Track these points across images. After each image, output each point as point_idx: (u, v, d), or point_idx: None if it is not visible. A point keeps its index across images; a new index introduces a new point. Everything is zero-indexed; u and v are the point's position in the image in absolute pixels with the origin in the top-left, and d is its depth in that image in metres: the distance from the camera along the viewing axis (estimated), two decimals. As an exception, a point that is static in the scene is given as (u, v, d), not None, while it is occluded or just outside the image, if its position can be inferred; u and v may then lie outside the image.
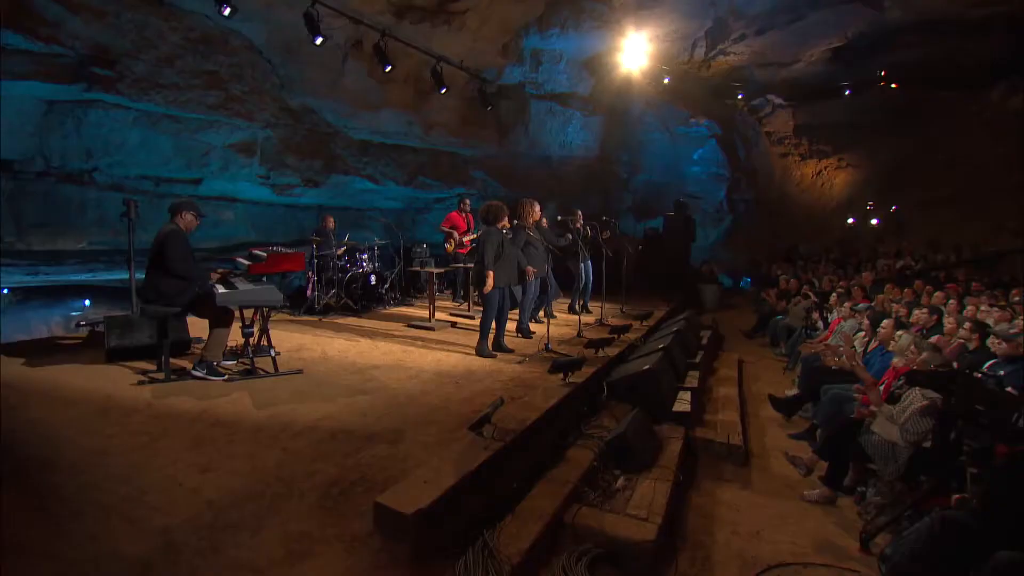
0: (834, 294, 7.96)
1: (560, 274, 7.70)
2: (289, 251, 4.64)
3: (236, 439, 3.19)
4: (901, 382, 4.03)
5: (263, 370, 4.51)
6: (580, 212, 8.01)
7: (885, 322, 5.31)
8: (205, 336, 4.43)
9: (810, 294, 8.53)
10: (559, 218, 7.44)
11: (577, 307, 8.41)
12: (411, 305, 8.52)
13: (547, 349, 5.56)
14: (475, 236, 8.38)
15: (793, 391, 6.30)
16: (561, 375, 4.41)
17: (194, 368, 4.28)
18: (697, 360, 6.74)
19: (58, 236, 8.10)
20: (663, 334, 6.61)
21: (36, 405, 3.72)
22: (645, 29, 11.41)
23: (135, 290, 5.20)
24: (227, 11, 6.50)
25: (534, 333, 6.54)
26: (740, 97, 16.66)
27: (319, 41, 7.30)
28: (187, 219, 4.33)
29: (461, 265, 7.50)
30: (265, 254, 4.53)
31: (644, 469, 3.77)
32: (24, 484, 2.68)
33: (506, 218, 5.47)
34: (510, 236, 5.67)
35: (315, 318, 7.09)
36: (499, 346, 5.66)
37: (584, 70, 13.10)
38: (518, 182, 13.14)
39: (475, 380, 4.57)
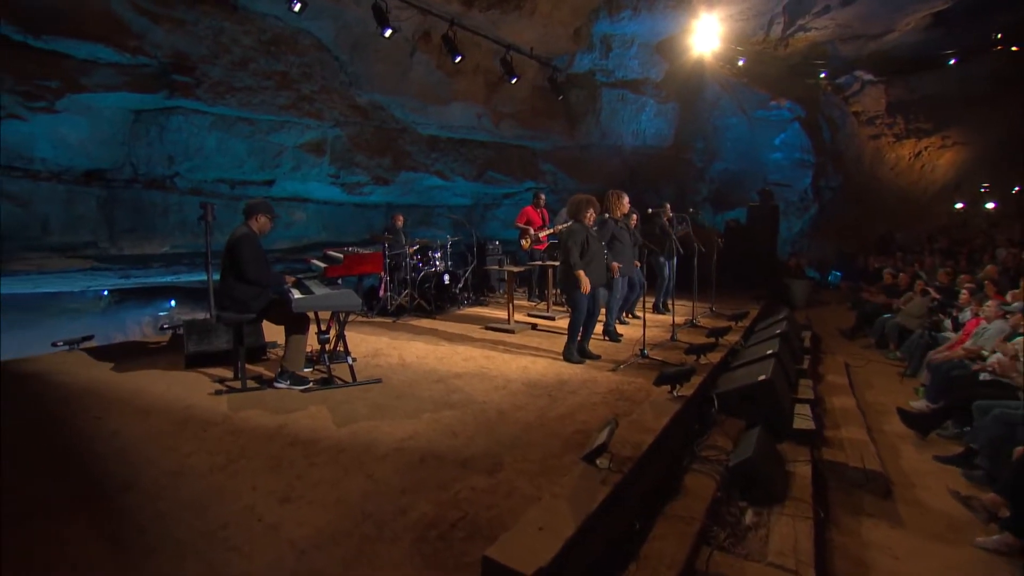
0: (963, 291, 6.93)
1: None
2: (366, 252, 4.35)
3: (317, 461, 2.89)
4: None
5: (340, 379, 4.24)
6: (668, 204, 7.40)
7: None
8: (281, 340, 4.22)
9: (929, 290, 7.51)
10: (649, 211, 6.87)
11: (662, 306, 7.82)
12: (485, 305, 8.17)
13: (643, 355, 5.02)
14: (551, 232, 7.93)
15: (920, 402, 5.48)
16: (668, 387, 3.87)
17: (277, 379, 4.07)
18: (805, 366, 6.02)
19: (144, 241, 8.31)
20: (765, 337, 5.92)
21: (117, 415, 3.60)
22: (717, 8, 10.56)
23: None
24: (297, 7, 6.36)
25: (621, 336, 6.02)
26: (823, 76, 15.28)
27: (388, 33, 7.07)
28: (261, 221, 4.12)
29: (538, 263, 7.06)
30: (341, 256, 4.26)
31: (776, 501, 3.20)
32: (100, 507, 2.47)
33: (592, 212, 4.97)
34: (595, 231, 5.16)
35: (389, 319, 6.86)
36: (584, 352, 5.19)
37: (656, 54, 12.33)
38: (589, 174, 12.58)
39: (569, 392, 4.11)
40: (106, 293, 15.95)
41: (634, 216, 6.28)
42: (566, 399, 3.96)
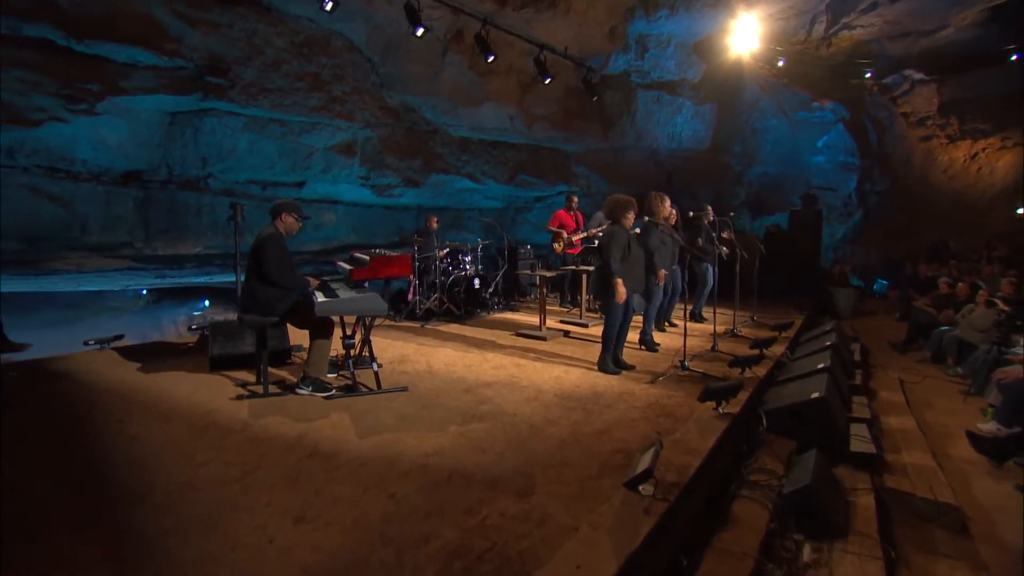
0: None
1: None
2: (393, 254, 4.19)
3: (336, 476, 2.71)
4: None
5: (365, 386, 4.08)
6: (710, 207, 7.06)
7: None
8: (306, 343, 4.08)
9: (996, 302, 6.96)
10: (691, 214, 6.56)
11: (700, 314, 7.47)
12: (516, 310, 7.95)
13: (683, 367, 4.72)
14: (585, 235, 7.68)
15: (989, 424, 5.01)
16: (714, 404, 3.58)
17: (299, 385, 3.94)
18: (857, 382, 5.62)
19: (178, 241, 8.39)
20: (814, 349, 5.53)
21: (138, 418, 3.51)
22: (757, 7, 10.16)
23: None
24: (329, 6, 6.28)
25: (659, 346, 5.72)
26: (868, 75, 14.58)
27: (420, 32, 6.95)
28: (288, 222, 3.99)
29: (571, 267, 6.80)
30: (367, 258, 4.10)
31: (837, 535, 2.88)
32: (110, 522, 2.34)
33: (632, 214, 4.71)
34: (636, 235, 4.89)
35: (417, 324, 6.71)
36: (618, 362, 4.92)
37: (694, 55, 11.98)
38: (623, 178, 12.27)
39: (605, 405, 3.85)
40: (144, 292, 16.37)
41: (673, 218, 5.98)
42: (602, 413, 3.71)
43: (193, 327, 5.78)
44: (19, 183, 7.13)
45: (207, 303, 16.19)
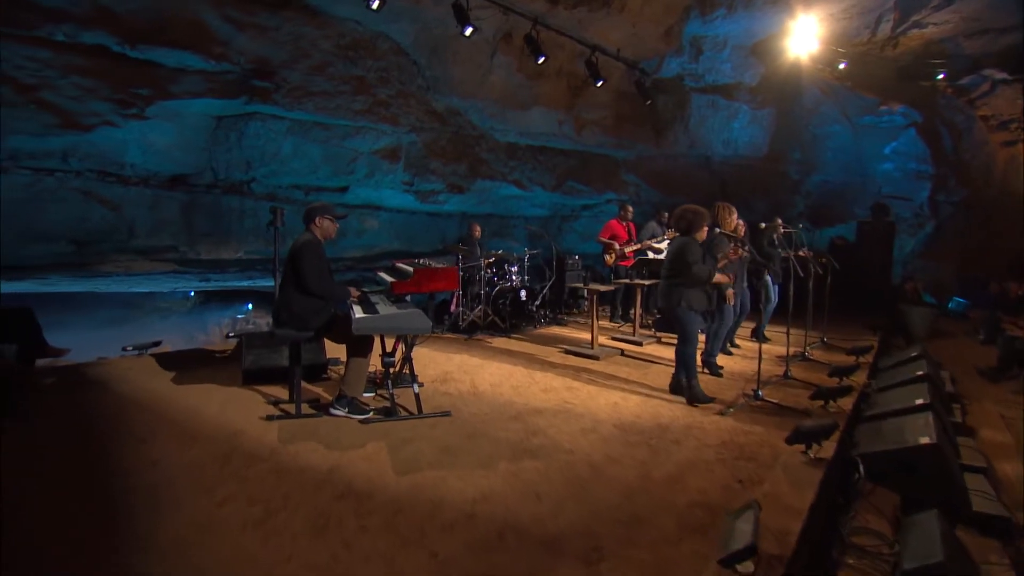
0: None
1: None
2: (438, 265, 3.82)
3: (369, 524, 2.34)
4: None
5: (405, 409, 3.73)
6: (780, 220, 6.49)
7: None
8: (343, 356, 3.77)
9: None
10: (762, 226, 6.00)
11: (763, 334, 6.88)
12: (564, 324, 7.50)
13: (756, 396, 4.19)
14: (638, 247, 7.20)
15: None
16: (803, 447, 3.06)
17: (333, 406, 3.62)
18: (957, 418, 4.93)
19: (220, 245, 8.33)
20: (904, 379, 4.88)
21: (162, 439, 3.25)
22: (817, 7, 9.50)
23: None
24: (375, 4, 6.02)
25: (722, 369, 5.19)
26: (941, 76, 13.50)
27: (469, 32, 6.66)
28: (324, 225, 3.69)
29: (625, 280, 6.32)
30: (411, 269, 3.74)
31: (974, 625, 2.33)
32: (109, 569, 2.03)
33: (707, 227, 4.22)
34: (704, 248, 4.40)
35: (460, 337, 6.36)
36: (679, 388, 4.42)
37: (751, 57, 11.33)
38: (675, 186, 11.71)
39: (672, 441, 3.38)
40: (192, 294, 16.72)
41: (741, 230, 5.45)
42: (670, 451, 3.24)
43: (230, 335, 5.59)
44: (72, 187, 7.19)
45: (250, 307, 16.41)
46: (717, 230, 4.74)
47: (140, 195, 7.66)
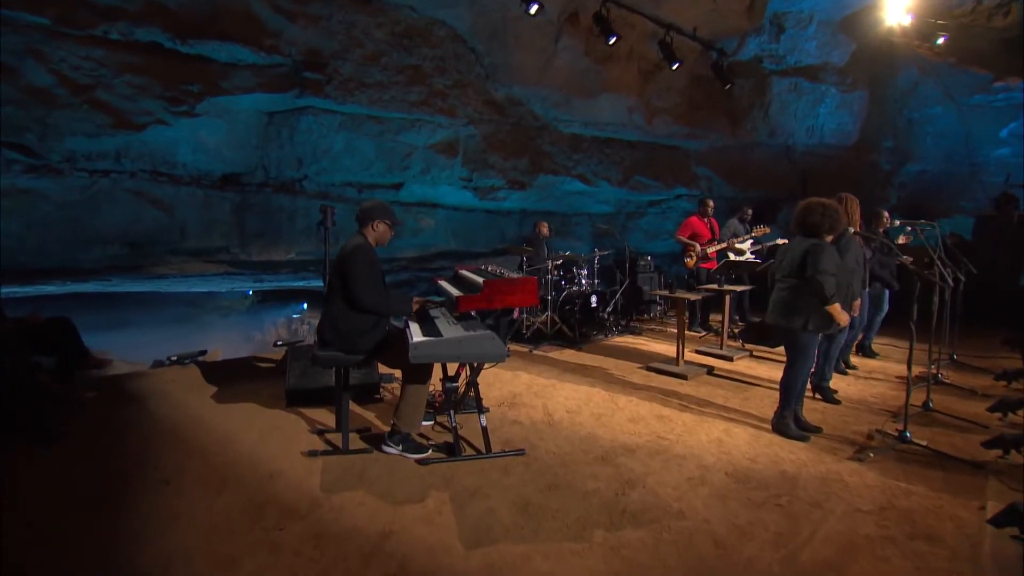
0: None
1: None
2: (514, 276, 3.15)
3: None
4: None
5: (470, 445, 3.12)
6: (886, 213, 5.53)
7: None
8: (398, 371, 3.19)
9: None
10: (894, 222, 5.07)
11: (871, 348, 5.93)
12: (637, 333, 6.72)
13: (903, 439, 3.33)
14: (722, 247, 6.37)
15: None
16: (1018, 530, 2.23)
17: (386, 442, 3.04)
18: None
19: (271, 246, 8.04)
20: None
21: (189, 479, 2.77)
22: None
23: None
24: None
25: (836, 392, 4.32)
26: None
27: (534, 9, 6.04)
28: (379, 230, 3.12)
29: (714, 287, 5.49)
30: (480, 280, 3.08)
31: None
32: None
33: (842, 226, 3.40)
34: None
35: (524, 347, 5.72)
36: (800, 422, 3.62)
37: (840, 33, 10.17)
38: (751, 180, 10.68)
39: (811, 503, 2.61)
40: (250, 293, 16.91)
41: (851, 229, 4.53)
42: (812, 518, 2.48)
43: (278, 343, 5.18)
44: (125, 188, 7.03)
45: (305, 306, 16.41)
46: (851, 230, 3.89)
47: (191, 195, 7.44)
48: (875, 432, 3.51)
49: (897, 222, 5.39)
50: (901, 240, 5.93)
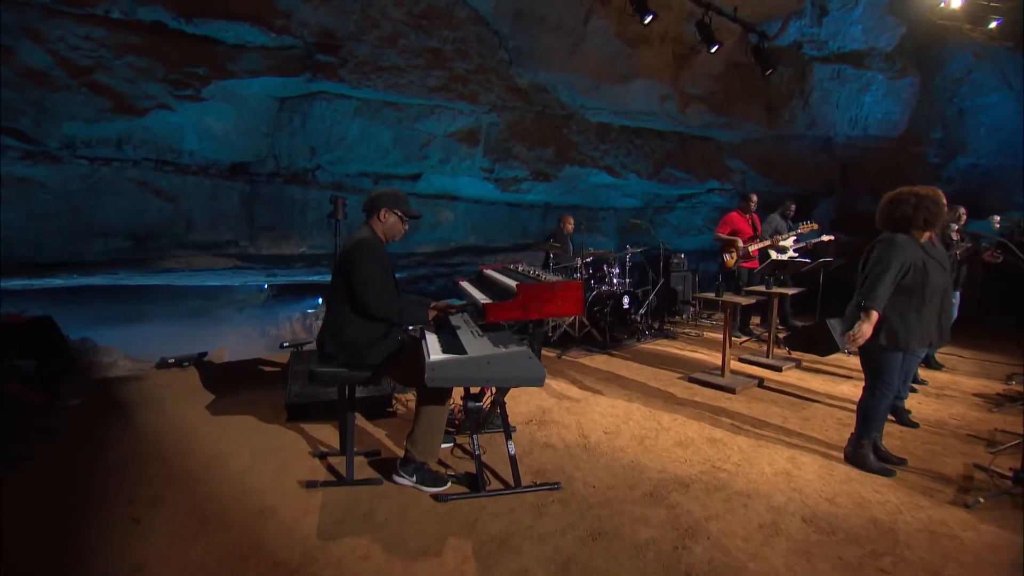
0: None
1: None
2: (553, 279, 2.63)
3: None
4: None
5: (495, 476, 2.65)
6: (963, 209, 4.94)
7: None
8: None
9: None
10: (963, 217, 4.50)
11: (936, 359, 5.35)
12: (672, 337, 6.17)
13: (1019, 479, 2.78)
14: (764, 245, 5.81)
15: None
16: None
17: (398, 471, 2.57)
18: None
19: (282, 240, 7.65)
20: None
21: (164, 518, 2.33)
22: None
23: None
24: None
25: (910, 413, 3.77)
26: None
27: (565, -17, 5.49)
28: (389, 221, 2.63)
29: (762, 289, 4.93)
30: (513, 284, 2.54)
31: None
32: None
33: (942, 221, 2.86)
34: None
35: (552, 353, 5.23)
36: (880, 452, 3.09)
37: (888, 16, 9.46)
38: (787, 174, 10.04)
39: (923, 569, 2.09)
40: (265, 287, 16.66)
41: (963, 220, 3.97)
42: (929, 591, 1.96)
43: (285, 345, 4.78)
44: (128, 177, 6.68)
45: (320, 301, 16.11)
46: (954, 227, 3.33)
47: (198, 185, 7.06)
48: (978, 469, 2.96)
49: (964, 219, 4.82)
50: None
